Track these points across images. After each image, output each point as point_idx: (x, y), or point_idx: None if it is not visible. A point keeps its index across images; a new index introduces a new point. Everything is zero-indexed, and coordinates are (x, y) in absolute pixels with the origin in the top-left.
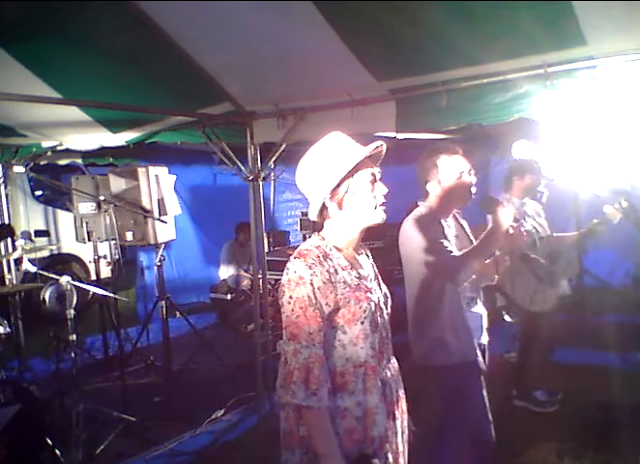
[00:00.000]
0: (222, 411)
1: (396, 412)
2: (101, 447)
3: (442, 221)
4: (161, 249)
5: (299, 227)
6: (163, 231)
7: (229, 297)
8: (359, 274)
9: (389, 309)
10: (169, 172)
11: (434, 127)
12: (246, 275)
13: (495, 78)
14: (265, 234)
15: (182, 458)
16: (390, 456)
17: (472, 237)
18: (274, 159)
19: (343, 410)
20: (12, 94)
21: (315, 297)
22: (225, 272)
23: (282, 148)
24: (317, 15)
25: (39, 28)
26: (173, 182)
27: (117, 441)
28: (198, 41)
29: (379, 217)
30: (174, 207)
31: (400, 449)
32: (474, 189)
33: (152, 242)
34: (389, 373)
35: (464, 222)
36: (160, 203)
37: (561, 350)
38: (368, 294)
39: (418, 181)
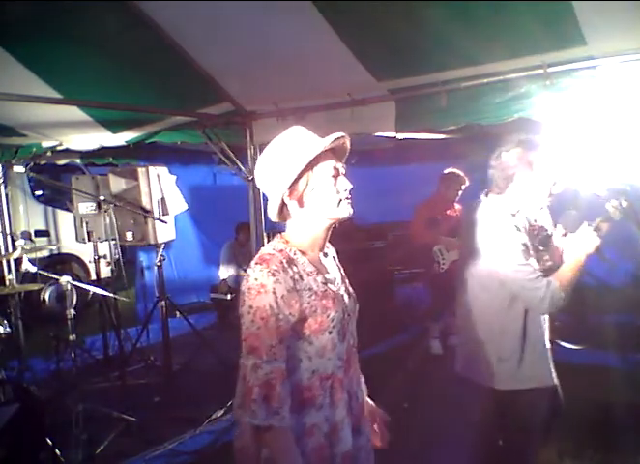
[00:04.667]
0: (222, 411)
1: (361, 426)
2: (101, 447)
3: (524, 220)
4: (161, 249)
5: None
6: (163, 231)
7: (229, 297)
8: (325, 279)
9: (356, 313)
10: (169, 172)
11: (434, 127)
12: (246, 275)
13: (495, 78)
14: (265, 234)
15: (182, 458)
16: None
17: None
18: None
19: (311, 427)
20: (12, 94)
21: (278, 307)
22: (225, 272)
23: None
24: (317, 15)
25: (39, 28)
26: (173, 181)
27: (117, 441)
28: (198, 41)
29: (344, 211)
30: (179, 203)
31: None
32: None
33: (152, 242)
34: (354, 383)
35: (545, 213)
36: (161, 202)
37: (561, 350)
38: (336, 300)
39: (496, 174)
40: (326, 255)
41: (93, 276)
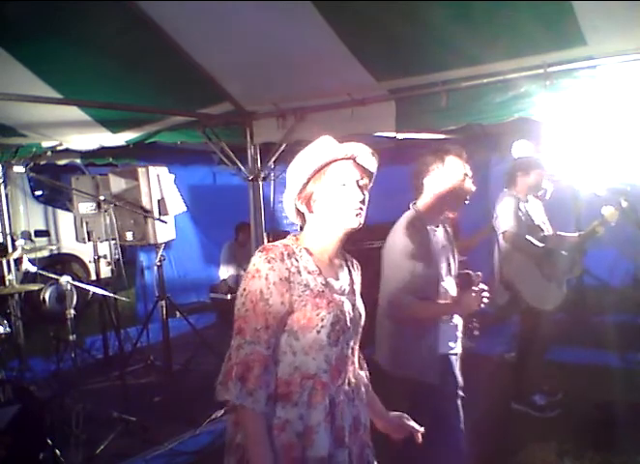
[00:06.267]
0: (222, 411)
1: (347, 440)
2: (101, 447)
3: (430, 229)
4: (161, 249)
5: (299, 227)
6: (163, 231)
7: (229, 297)
8: (326, 282)
9: (359, 328)
10: (169, 172)
11: (434, 127)
12: None
13: (495, 78)
14: (265, 234)
15: (182, 458)
16: None
17: (455, 251)
18: (273, 159)
19: (284, 421)
20: (12, 94)
21: (269, 292)
22: (225, 272)
23: (282, 148)
24: (317, 15)
25: (39, 28)
26: (172, 181)
27: (117, 441)
28: (198, 41)
29: (350, 222)
30: (177, 205)
31: None
32: (468, 196)
33: (152, 242)
34: (343, 396)
35: (450, 231)
36: (161, 203)
37: (561, 350)
38: (332, 304)
39: (412, 181)
40: (339, 265)
41: (93, 276)
